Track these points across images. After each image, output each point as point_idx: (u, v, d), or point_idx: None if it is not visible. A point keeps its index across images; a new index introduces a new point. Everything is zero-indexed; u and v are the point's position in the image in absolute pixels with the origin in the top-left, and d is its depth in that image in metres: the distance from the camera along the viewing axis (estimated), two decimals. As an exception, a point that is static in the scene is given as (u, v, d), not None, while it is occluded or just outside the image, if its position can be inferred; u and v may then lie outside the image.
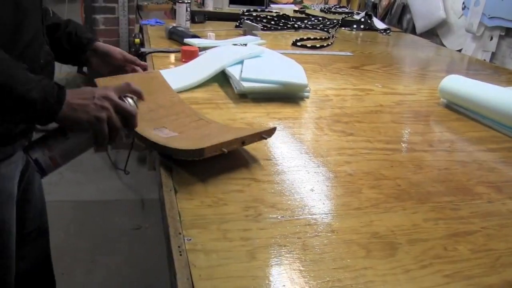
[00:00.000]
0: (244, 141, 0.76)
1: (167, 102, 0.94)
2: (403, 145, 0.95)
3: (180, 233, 0.58)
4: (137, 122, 0.76)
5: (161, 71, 1.24)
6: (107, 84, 0.89)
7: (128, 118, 0.75)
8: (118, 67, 1.05)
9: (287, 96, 1.14)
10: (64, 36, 1.00)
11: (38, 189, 1.16)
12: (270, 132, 0.80)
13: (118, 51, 1.04)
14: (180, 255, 0.54)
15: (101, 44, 1.03)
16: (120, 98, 0.76)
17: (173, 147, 0.73)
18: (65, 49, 1.00)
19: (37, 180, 1.14)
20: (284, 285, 0.50)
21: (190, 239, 0.56)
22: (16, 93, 0.66)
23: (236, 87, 1.12)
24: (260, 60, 1.28)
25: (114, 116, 0.73)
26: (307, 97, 1.16)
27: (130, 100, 0.77)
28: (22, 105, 0.68)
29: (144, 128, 0.80)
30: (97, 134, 0.73)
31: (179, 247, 0.55)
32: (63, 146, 0.73)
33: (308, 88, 1.16)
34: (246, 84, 1.09)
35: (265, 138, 0.80)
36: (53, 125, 0.74)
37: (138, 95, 0.80)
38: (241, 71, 1.15)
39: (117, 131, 0.74)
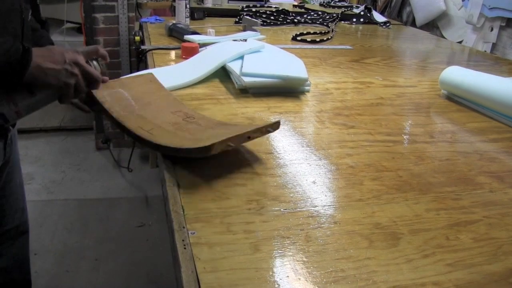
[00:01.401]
0: (249, 136, 0.76)
1: (163, 101, 0.94)
2: (404, 136, 0.95)
3: (184, 227, 0.58)
4: (99, 86, 0.83)
5: (161, 68, 1.26)
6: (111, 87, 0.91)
7: (92, 82, 0.82)
8: None
9: (287, 90, 1.14)
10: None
11: (19, 186, 1.17)
12: (275, 125, 0.80)
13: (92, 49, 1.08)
14: (185, 248, 0.54)
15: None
16: (87, 61, 0.82)
17: (178, 147, 0.73)
18: None
19: (17, 177, 1.14)
20: (287, 276, 0.51)
21: (194, 233, 0.57)
22: None
23: (236, 82, 1.13)
24: (261, 55, 1.29)
25: (81, 81, 0.79)
26: (308, 91, 1.17)
27: (95, 63, 0.85)
28: None
29: (141, 128, 0.80)
30: (63, 94, 0.79)
31: (183, 240, 0.56)
32: (29, 101, 0.78)
33: (308, 82, 1.16)
34: (247, 79, 1.09)
35: (270, 132, 0.80)
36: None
37: (104, 58, 0.87)
38: (242, 66, 1.16)
39: (81, 93, 0.81)
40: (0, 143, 0.94)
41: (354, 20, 2.43)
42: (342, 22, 2.40)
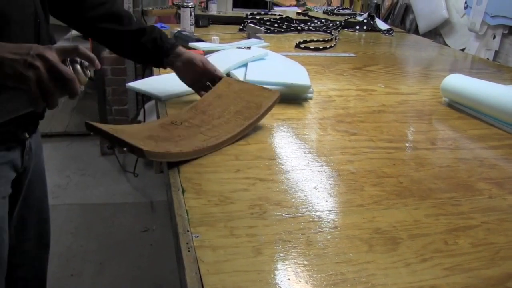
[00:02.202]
0: (112, 139, 0.75)
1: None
2: (405, 143, 0.96)
3: (188, 231, 0.60)
4: (77, 88, 0.70)
5: (163, 75, 1.27)
6: (230, 83, 1.00)
7: (64, 82, 0.68)
8: (200, 74, 1.07)
9: (290, 97, 1.16)
10: (149, 41, 1.04)
11: (43, 198, 1.15)
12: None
13: (199, 59, 1.06)
14: (189, 251, 0.56)
15: (185, 50, 1.07)
16: (64, 61, 0.70)
17: (121, 138, 0.74)
18: (149, 52, 1.04)
19: (41, 188, 1.12)
20: (288, 279, 0.52)
21: (198, 236, 0.59)
22: None
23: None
24: (264, 62, 1.31)
25: (45, 77, 0.66)
26: (311, 98, 1.18)
27: (78, 67, 0.71)
28: None
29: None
30: (29, 93, 0.67)
31: (187, 243, 0.57)
32: None
33: (311, 89, 1.18)
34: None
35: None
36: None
37: (89, 60, 0.73)
38: (245, 74, 1.18)
39: (50, 94, 0.68)
40: (17, 151, 0.90)
41: (357, 27, 2.45)
42: (345, 29, 2.43)
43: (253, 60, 1.28)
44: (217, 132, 0.86)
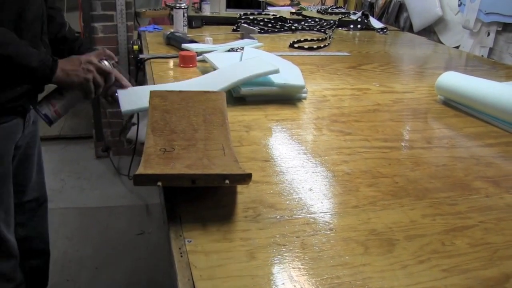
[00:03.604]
0: (194, 179, 0.64)
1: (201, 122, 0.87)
2: (401, 143, 0.96)
3: (180, 235, 0.59)
4: (113, 78, 1.02)
5: (163, 85, 1.21)
6: (163, 96, 0.90)
7: (106, 76, 1.01)
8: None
9: (284, 98, 1.15)
10: (66, 50, 1.19)
11: (38, 161, 1.33)
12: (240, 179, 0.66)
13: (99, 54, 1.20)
14: (181, 256, 0.55)
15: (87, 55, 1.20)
16: (98, 61, 1.01)
17: None
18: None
19: (36, 153, 1.30)
20: (283, 283, 0.51)
21: (190, 241, 0.57)
22: (21, 62, 0.88)
23: (234, 91, 1.13)
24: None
25: (97, 76, 0.98)
26: (305, 98, 1.17)
27: (106, 62, 1.04)
28: (24, 70, 0.90)
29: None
30: (86, 91, 0.99)
31: (179, 248, 0.56)
32: (62, 102, 1.00)
33: (305, 89, 1.17)
34: (244, 88, 1.10)
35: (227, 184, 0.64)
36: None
37: (110, 57, 1.07)
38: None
39: (100, 86, 1.00)
40: (20, 120, 1.12)
41: (352, 26, 2.44)
42: (340, 28, 2.42)
43: (264, 75, 1.14)
44: (215, 143, 0.79)
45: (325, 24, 2.39)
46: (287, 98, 1.15)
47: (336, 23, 2.42)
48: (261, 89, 1.12)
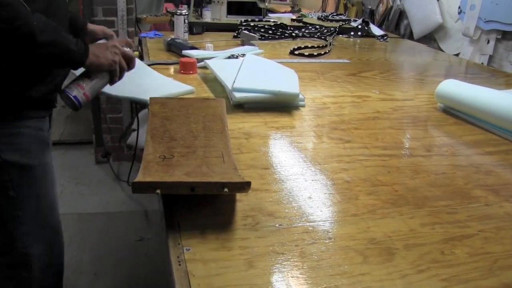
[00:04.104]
0: (193, 187, 0.64)
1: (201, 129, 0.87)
2: (400, 150, 0.95)
3: (179, 244, 0.58)
4: (135, 63, 1.10)
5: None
6: (163, 103, 0.97)
7: (130, 60, 1.07)
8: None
9: (280, 105, 1.15)
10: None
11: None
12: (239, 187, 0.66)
13: (101, 29, 1.30)
14: (179, 265, 0.54)
15: (90, 25, 1.30)
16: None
17: None
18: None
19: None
20: (282, 293, 0.51)
21: (189, 249, 0.57)
22: (63, 46, 0.92)
23: (231, 98, 1.13)
24: (255, 69, 1.29)
25: (122, 59, 1.05)
26: (303, 106, 1.17)
27: (128, 49, 1.09)
28: (65, 54, 0.94)
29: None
30: (112, 73, 1.04)
31: (178, 257, 0.56)
32: (90, 84, 1.02)
33: (302, 97, 1.17)
34: (238, 94, 1.10)
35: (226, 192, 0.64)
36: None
37: (130, 46, 1.13)
38: (234, 82, 1.16)
39: (124, 70, 1.06)
40: (47, 116, 1.16)
41: (352, 33, 2.45)
42: (340, 35, 2.42)
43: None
44: (214, 151, 0.79)
45: (325, 31, 2.40)
46: (282, 105, 1.15)
47: (337, 30, 2.43)
48: (256, 96, 1.12)
